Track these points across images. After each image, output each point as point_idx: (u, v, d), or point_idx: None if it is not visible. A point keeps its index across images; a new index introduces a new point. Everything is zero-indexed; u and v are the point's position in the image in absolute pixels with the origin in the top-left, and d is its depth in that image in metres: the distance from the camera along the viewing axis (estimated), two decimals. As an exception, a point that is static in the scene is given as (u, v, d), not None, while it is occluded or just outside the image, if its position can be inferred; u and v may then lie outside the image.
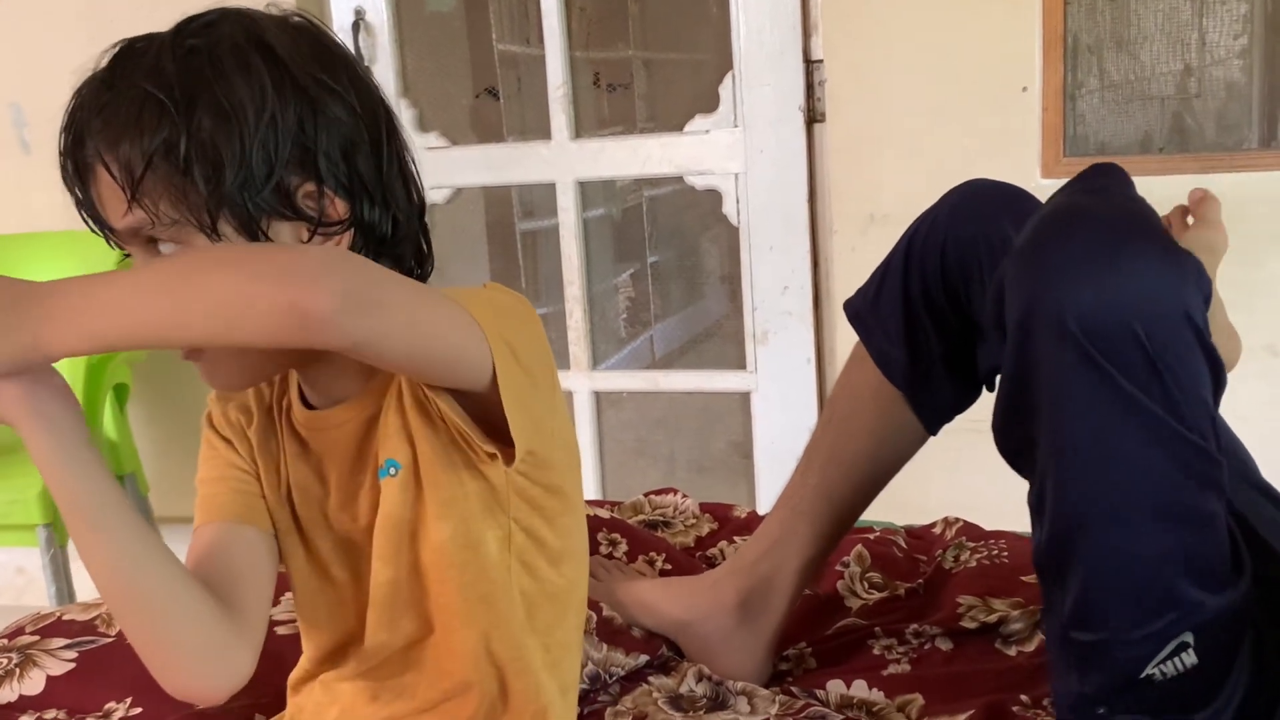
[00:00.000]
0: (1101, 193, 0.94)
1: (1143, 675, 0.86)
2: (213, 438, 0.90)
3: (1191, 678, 0.86)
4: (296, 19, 0.81)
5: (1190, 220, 1.15)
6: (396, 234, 0.82)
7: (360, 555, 0.87)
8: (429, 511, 0.82)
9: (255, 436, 0.89)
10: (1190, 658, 0.86)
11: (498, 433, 0.79)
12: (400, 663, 0.87)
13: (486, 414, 0.79)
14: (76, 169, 0.77)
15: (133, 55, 0.77)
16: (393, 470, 0.82)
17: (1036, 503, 0.91)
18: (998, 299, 0.91)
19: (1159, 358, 0.82)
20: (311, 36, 0.80)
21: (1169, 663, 0.86)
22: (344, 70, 0.80)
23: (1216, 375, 0.86)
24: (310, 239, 0.78)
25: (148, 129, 0.74)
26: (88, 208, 0.78)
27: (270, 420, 0.89)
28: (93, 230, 0.80)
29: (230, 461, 0.88)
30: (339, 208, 0.79)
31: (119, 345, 0.71)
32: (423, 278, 0.87)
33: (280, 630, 1.18)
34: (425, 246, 0.87)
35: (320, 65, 0.79)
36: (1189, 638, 0.86)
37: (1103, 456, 0.85)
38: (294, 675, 0.95)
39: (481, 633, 0.84)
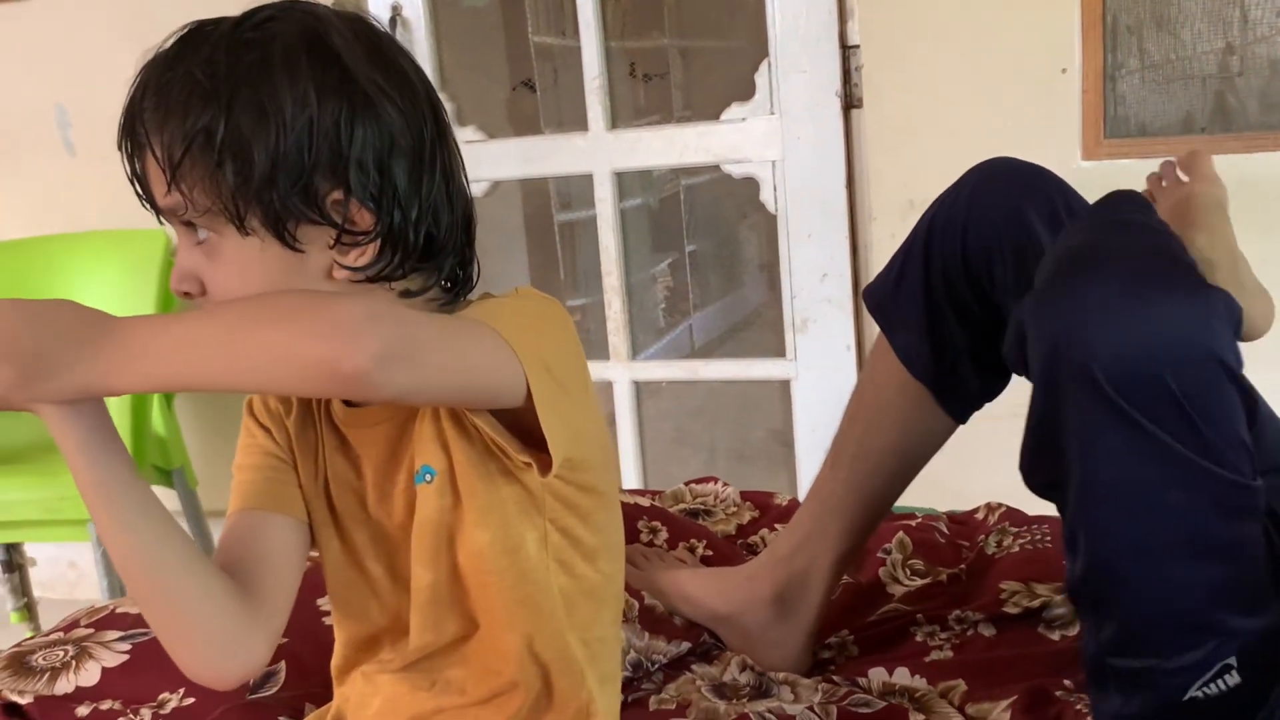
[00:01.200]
0: (1125, 226, 0.91)
1: (1187, 698, 0.85)
2: (251, 425, 0.91)
3: (1235, 694, 0.85)
4: (358, 22, 0.81)
5: (1184, 178, 1.13)
6: (432, 247, 0.82)
7: (396, 550, 0.87)
8: (467, 519, 0.83)
9: (294, 426, 0.90)
10: (1234, 678, 0.85)
11: (533, 440, 0.79)
12: (446, 657, 0.88)
13: (521, 423, 0.79)
14: (131, 144, 0.79)
15: (196, 39, 0.78)
16: (428, 477, 0.83)
17: (1069, 539, 0.90)
18: (1018, 341, 0.89)
19: (1190, 402, 0.80)
20: (369, 41, 0.80)
21: (1213, 684, 0.85)
22: (394, 80, 0.79)
23: (1250, 405, 0.84)
24: (335, 245, 0.79)
25: (191, 115, 0.76)
26: (140, 183, 0.80)
27: (309, 411, 0.90)
28: (144, 206, 0.81)
29: (266, 449, 0.89)
30: (365, 218, 0.79)
31: (177, 388, 0.74)
32: (465, 290, 0.87)
33: (328, 620, 1.19)
34: (470, 260, 0.86)
35: (369, 74, 0.78)
36: (1232, 660, 0.85)
37: (1135, 503, 0.84)
38: (334, 664, 0.96)
39: (525, 634, 0.85)
